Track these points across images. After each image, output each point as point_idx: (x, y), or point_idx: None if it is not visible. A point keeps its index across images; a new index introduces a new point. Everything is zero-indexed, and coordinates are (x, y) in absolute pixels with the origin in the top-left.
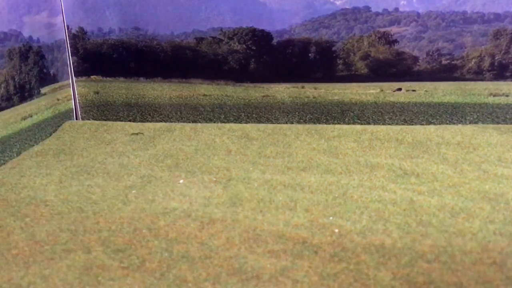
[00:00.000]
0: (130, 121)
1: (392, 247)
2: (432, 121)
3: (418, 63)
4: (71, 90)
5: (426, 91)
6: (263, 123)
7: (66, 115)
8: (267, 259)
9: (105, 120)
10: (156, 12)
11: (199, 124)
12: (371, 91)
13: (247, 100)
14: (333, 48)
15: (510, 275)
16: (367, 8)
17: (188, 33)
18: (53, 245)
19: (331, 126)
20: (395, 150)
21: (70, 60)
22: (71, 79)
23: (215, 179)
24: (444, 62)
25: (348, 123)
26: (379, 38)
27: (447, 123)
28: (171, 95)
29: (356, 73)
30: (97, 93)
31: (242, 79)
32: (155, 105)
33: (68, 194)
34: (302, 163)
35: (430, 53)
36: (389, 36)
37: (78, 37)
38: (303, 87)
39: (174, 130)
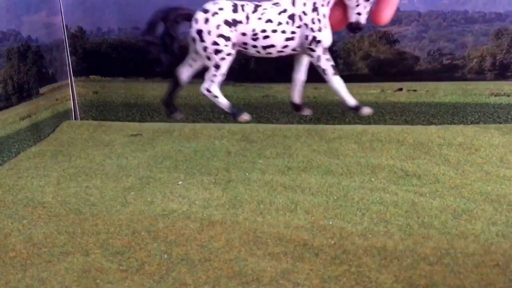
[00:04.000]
0: (129, 121)
1: (394, 249)
2: (433, 121)
3: (419, 63)
4: (70, 90)
5: (427, 91)
6: (263, 123)
7: (65, 115)
8: (268, 262)
9: (104, 120)
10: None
11: (199, 124)
12: (372, 91)
13: (247, 100)
14: (334, 48)
15: None
16: None
17: (188, 33)
18: (51, 248)
19: (331, 127)
20: (396, 151)
21: (69, 59)
22: (70, 79)
23: (214, 180)
24: (445, 62)
25: (349, 123)
26: (380, 37)
27: (448, 123)
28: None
29: (357, 73)
30: (96, 93)
31: (242, 79)
32: (155, 105)
33: (66, 196)
34: (302, 164)
35: (431, 53)
36: (390, 36)
37: (77, 37)
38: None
39: (173, 131)
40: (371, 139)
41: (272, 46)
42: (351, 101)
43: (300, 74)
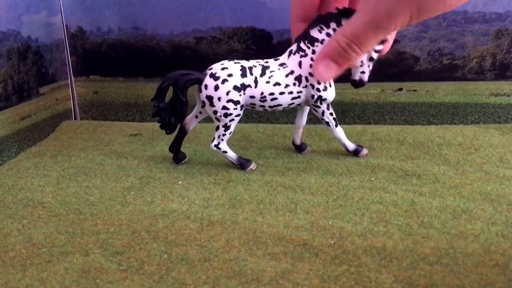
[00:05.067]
0: (129, 121)
1: (394, 249)
2: (433, 121)
3: (419, 63)
4: (70, 90)
5: (427, 91)
6: (263, 123)
7: (65, 115)
8: (267, 262)
9: (104, 120)
10: (156, 12)
11: (198, 124)
12: (372, 91)
13: None
14: None
15: None
16: None
17: (188, 33)
18: (51, 248)
19: None
20: (396, 151)
21: (69, 59)
22: (70, 79)
23: (214, 180)
24: (445, 62)
25: (349, 123)
26: None
27: (448, 123)
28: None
29: None
30: (96, 93)
31: None
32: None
33: (65, 196)
34: (302, 164)
35: (431, 53)
36: None
37: (77, 37)
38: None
39: None
40: (371, 139)
41: (279, 105)
42: (350, 146)
43: (302, 120)
